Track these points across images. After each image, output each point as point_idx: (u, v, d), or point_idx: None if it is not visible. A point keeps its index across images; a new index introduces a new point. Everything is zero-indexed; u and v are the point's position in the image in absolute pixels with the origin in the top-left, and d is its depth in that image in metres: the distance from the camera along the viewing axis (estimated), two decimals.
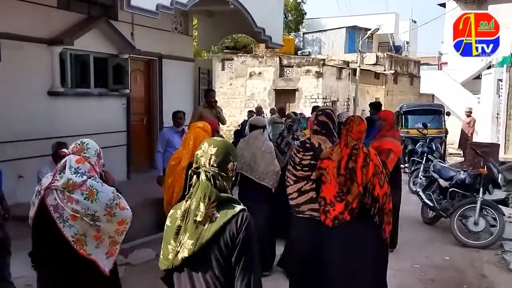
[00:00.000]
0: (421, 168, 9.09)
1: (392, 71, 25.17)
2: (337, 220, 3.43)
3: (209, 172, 2.00)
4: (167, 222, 2.08)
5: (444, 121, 13.24)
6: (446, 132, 13.17)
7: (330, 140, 3.90)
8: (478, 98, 18.35)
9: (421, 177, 8.68)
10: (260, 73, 20.63)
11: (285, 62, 20.52)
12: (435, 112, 13.45)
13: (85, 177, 2.66)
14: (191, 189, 2.04)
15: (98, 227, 2.65)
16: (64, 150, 2.84)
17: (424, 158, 9.56)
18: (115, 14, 7.85)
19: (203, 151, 2.07)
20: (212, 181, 1.99)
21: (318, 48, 28.34)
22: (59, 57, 6.86)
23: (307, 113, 9.48)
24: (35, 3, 6.46)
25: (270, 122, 10.37)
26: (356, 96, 20.39)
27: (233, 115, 19.77)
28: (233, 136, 11.87)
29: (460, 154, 14.90)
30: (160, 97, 9.15)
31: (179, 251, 1.99)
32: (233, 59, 21.35)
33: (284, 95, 20.08)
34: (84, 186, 2.64)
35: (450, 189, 6.79)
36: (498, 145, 12.97)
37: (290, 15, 29.29)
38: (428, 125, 11.98)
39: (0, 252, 3.69)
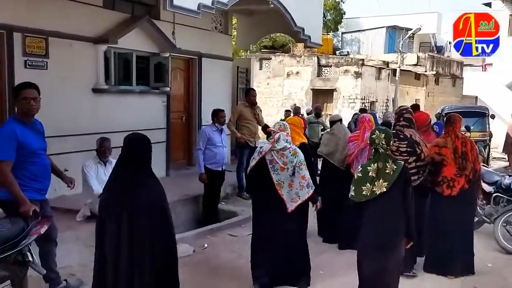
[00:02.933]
0: None
1: (434, 72, 24.51)
2: (461, 190, 4.96)
3: (382, 148, 3.82)
4: (359, 174, 3.86)
5: (488, 124, 12.80)
6: (490, 135, 12.72)
7: (416, 131, 5.06)
8: None
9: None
10: (297, 72, 20.55)
11: (323, 61, 20.36)
12: (478, 114, 13.03)
13: (289, 144, 4.44)
14: (372, 157, 3.90)
15: (294, 178, 4.33)
16: (271, 128, 4.88)
17: None
18: (157, 14, 8.03)
19: (377, 136, 3.84)
20: (385, 151, 3.83)
21: (357, 48, 27.96)
22: (103, 55, 7.09)
23: (346, 113, 9.58)
24: (82, 3, 6.69)
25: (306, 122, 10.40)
26: (395, 97, 19.98)
27: (270, 114, 19.77)
28: None
29: (505, 158, 14.36)
30: (199, 95, 9.28)
31: (374, 190, 3.76)
32: (270, 59, 21.36)
33: (322, 95, 19.93)
34: (290, 148, 4.41)
35: (494, 194, 6.55)
36: None
37: (328, 14, 29.01)
38: (471, 128, 11.60)
39: (47, 242, 3.83)
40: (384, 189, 3.73)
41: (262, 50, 23.62)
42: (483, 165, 7.97)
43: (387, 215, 3.80)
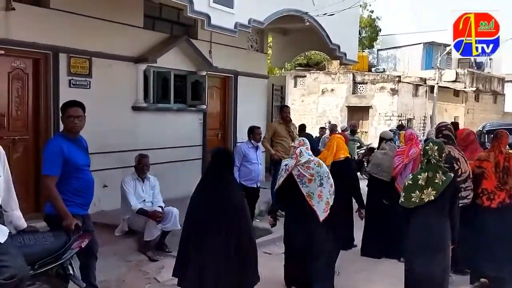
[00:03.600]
0: None
1: (473, 88, 23.90)
2: (501, 204, 4.98)
3: (434, 159, 4.09)
4: (409, 182, 4.15)
5: None
6: None
7: (455, 147, 5.16)
8: None
9: None
10: (332, 89, 20.49)
11: (358, 78, 20.24)
12: None
13: (312, 156, 4.65)
14: (422, 167, 4.17)
15: (322, 188, 4.50)
16: (293, 144, 5.04)
17: None
18: (195, 33, 8.22)
19: (430, 147, 4.13)
20: (437, 163, 4.09)
21: (393, 64, 27.64)
22: (143, 74, 7.29)
23: (382, 130, 9.46)
24: (123, 24, 6.93)
25: None
26: (433, 114, 19.56)
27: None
28: None
29: None
30: (235, 112, 9.38)
31: (423, 198, 4.04)
32: (305, 76, 21.41)
33: (357, 112, 19.75)
34: (315, 160, 4.62)
35: None
36: None
37: (364, 31, 28.88)
38: None
39: (88, 256, 3.92)
40: (432, 197, 4.03)
41: (297, 67, 23.71)
42: None
43: (434, 222, 4.07)
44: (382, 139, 6.50)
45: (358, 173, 7.76)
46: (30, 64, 5.98)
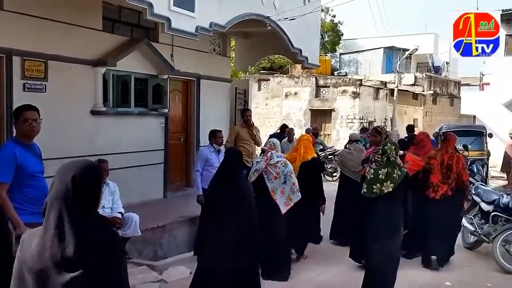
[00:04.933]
0: None
1: (431, 92, 24.68)
2: (443, 195, 5.99)
3: (392, 156, 4.74)
4: (371, 176, 4.82)
5: (486, 143, 12.81)
6: (488, 154, 12.72)
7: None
8: None
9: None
10: (296, 93, 20.69)
11: (321, 82, 20.52)
12: (476, 133, 13.05)
13: (281, 158, 5.39)
14: (381, 163, 4.86)
15: (285, 185, 5.25)
16: (265, 147, 5.84)
17: None
18: (156, 36, 8.14)
19: (389, 147, 4.77)
20: (395, 160, 4.78)
21: (355, 68, 28.19)
22: (102, 77, 7.15)
23: (344, 133, 9.75)
24: (81, 26, 6.79)
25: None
26: (393, 116, 20.08)
27: (268, 134, 19.85)
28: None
29: (503, 177, 14.34)
30: (197, 116, 9.33)
31: (383, 189, 4.67)
32: (269, 80, 21.53)
33: (320, 115, 20.02)
34: (282, 161, 5.35)
35: (493, 213, 6.53)
36: None
37: (326, 36, 29.35)
38: (469, 147, 11.61)
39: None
40: (390, 189, 4.68)
41: (261, 71, 23.83)
42: (482, 184, 7.98)
43: (392, 210, 4.71)
44: (349, 140, 7.37)
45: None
46: None
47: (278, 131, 12.77)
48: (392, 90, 21.04)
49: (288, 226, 5.40)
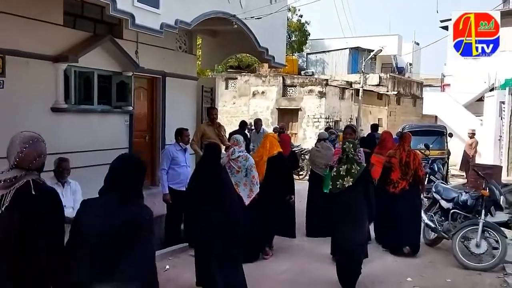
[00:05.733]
0: None
1: (395, 92, 25.28)
2: (402, 190, 6.60)
3: (351, 154, 5.25)
4: (334, 173, 5.29)
5: (447, 143, 13.22)
6: (449, 153, 13.14)
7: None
8: (481, 120, 18.38)
9: (423, 198, 8.63)
10: (263, 92, 20.76)
11: (288, 82, 20.67)
12: (437, 133, 13.44)
13: (242, 153, 5.78)
14: (342, 160, 5.30)
15: (247, 178, 5.66)
16: (228, 143, 6.90)
17: (426, 179, 9.51)
18: (120, 33, 7.97)
19: (347, 146, 5.29)
20: (353, 157, 5.27)
21: (321, 68, 28.55)
22: (63, 74, 6.94)
23: (311, 132, 9.94)
24: (41, 21, 6.56)
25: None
26: (358, 116, 20.45)
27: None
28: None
29: (463, 175, 14.84)
30: (163, 114, 9.20)
31: (344, 184, 5.16)
32: (236, 78, 21.52)
33: (287, 115, 20.16)
34: (243, 155, 5.76)
35: (452, 211, 6.75)
36: (500, 167, 12.94)
37: (293, 35, 29.58)
38: (430, 146, 11.94)
39: None
40: (351, 183, 5.15)
41: (228, 70, 23.78)
42: (442, 182, 8.23)
43: (353, 202, 5.16)
44: (318, 139, 7.91)
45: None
46: None
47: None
48: (357, 90, 21.42)
49: (256, 219, 5.78)
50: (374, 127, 12.31)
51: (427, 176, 9.63)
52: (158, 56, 8.87)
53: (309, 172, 8.32)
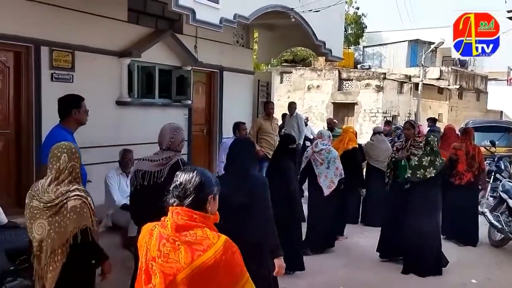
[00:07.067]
0: (489, 188, 8.60)
1: (457, 86, 24.20)
2: (468, 182, 6.80)
3: (435, 146, 5.65)
4: (415, 163, 5.52)
5: None
6: None
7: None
8: None
9: (489, 197, 8.22)
10: (318, 86, 20.55)
11: (344, 75, 20.33)
12: (504, 129, 12.73)
13: (325, 146, 6.05)
14: (426, 152, 5.55)
15: (328, 170, 5.94)
16: (315, 136, 7.19)
17: (492, 177, 9.04)
18: (180, 28, 8.16)
19: (432, 139, 5.62)
20: (436, 149, 5.65)
21: (378, 62, 27.82)
22: (127, 68, 7.21)
23: (367, 127, 9.82)
24: (107, 18, 6.84)
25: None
26: (418, 111, 19.76)
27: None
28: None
29: None
30: (220, 108, 9.35)
31: (426, 175, 5.45)
32: (291, 72, 21.43)
33: (343, 109, 19.86)
34: (326, 148, 6.01)
35: None
36: None
37: (350, 28, 29.00)
38: (497, 142, 11.32)
39: None
40: (433, 174, 5.39)
41: (283, 63, 23.72)
42: (509, 181, 7.80)
43: (432, 193, 5.42)
44: (373, 132, 8.10)
45: None
46: (12, 57, 5.87)
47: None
48: (416, 84, 20.70)
49: (331, 208, 6.09)
50: (433, 120, 12.06)
51: (493, 174, 9.16)
52: (216, 51, 9.01)
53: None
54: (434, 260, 5.48)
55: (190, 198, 1.87)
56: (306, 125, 13.26)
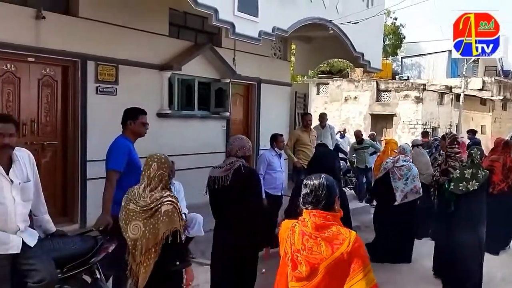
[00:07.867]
0: None
1: (501, 97, 23.40)
2: (501, 191, 6.88)
3: (477, 159, 5.50)
4: (457, 175, 5.43)
5: None
6: None
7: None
8: None
9: None
10: (355, 97, 20.34)
11: (382, 86, 20.05)
12: None
13: (407, 163, 6.42)
14: (468, 165, 5.48)
15: (406, 186, 6.30)
16: (395, 150, 7.32)
17: None
18: (219, 41, 8.29)
19: (475, 152, 5.47)
20: (479, 163, 5.59)
21: (417, 72, 27.32)
22: (168, 81, 7.38)
23: (406, 139, 9.70)
24: (149, 32, 7.04)
25: (351, 148, 11.15)
26: (459, 122, 19.20)
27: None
28: None
29: None
30: (258, 120, 9.39)
31: (469, 187, 5.33)
32: (328, 84, 21.32)
33: (381, 120, 19.55)
34: (406, 165, 6.36)
35: None
36: None
37: (387, 39, 28.62)
38: None
39: (120, 268, 3.83)
40: (476, 187, 5.29)
41: (319, 75, 23.64)
42: None
43: (475, 205, 5.33)
44: (412, 145, 7.98)
45: None
46: (59, 72, 6.12)
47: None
48: (458, 95, 20.14)
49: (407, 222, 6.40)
50: (472, 132, 11.74)
51: None
52: (254, 63, 9.08)
53: None
54: (472, 284, 5.27)
55: (322, 203, 2.33)
56: (344, 136, 13.14)
